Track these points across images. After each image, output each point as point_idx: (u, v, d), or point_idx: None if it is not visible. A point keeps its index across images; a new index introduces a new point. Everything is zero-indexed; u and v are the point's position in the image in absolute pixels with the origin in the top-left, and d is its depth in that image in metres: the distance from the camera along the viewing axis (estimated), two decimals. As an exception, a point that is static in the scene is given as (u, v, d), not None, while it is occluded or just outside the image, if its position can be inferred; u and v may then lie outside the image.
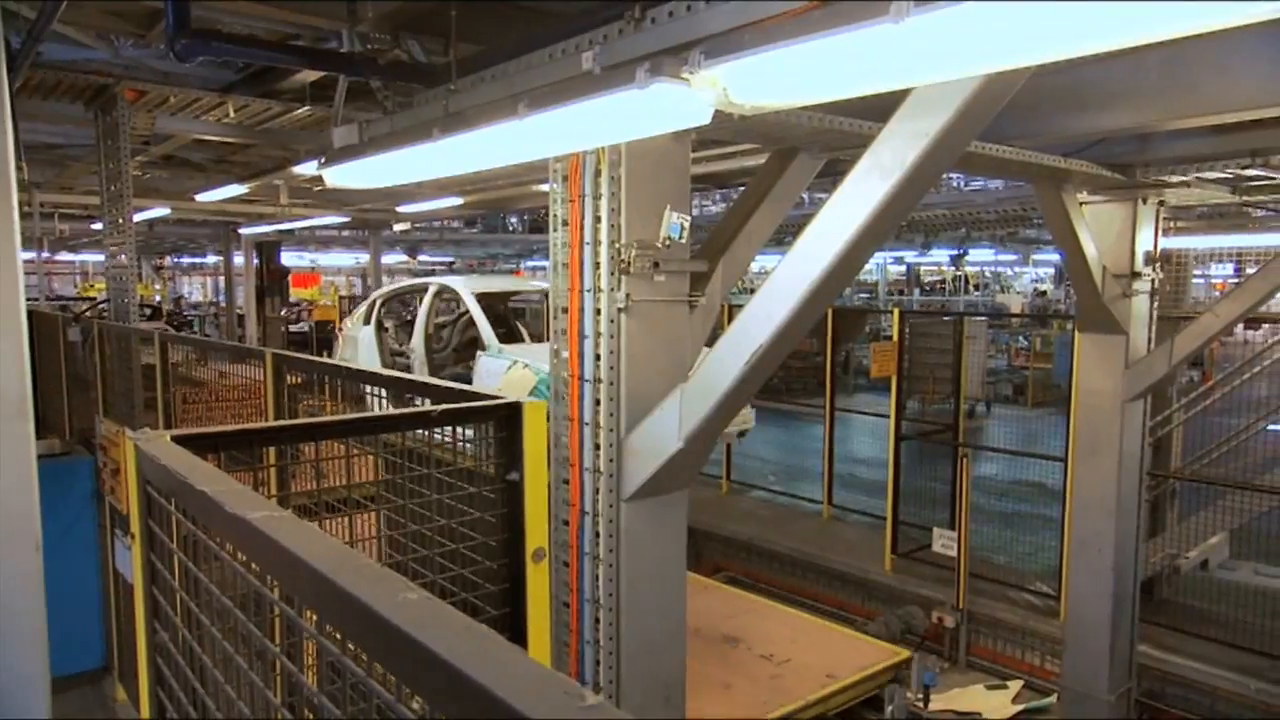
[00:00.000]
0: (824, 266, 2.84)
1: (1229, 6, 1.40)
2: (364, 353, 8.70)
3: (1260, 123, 4.48)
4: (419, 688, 0.78)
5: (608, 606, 3.62)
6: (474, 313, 7.86)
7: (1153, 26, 1.40)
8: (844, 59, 1.60)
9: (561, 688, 0.65)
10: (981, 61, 1.64)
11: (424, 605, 0.83)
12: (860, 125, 3.47)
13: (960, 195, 14.06)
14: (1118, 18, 1.42)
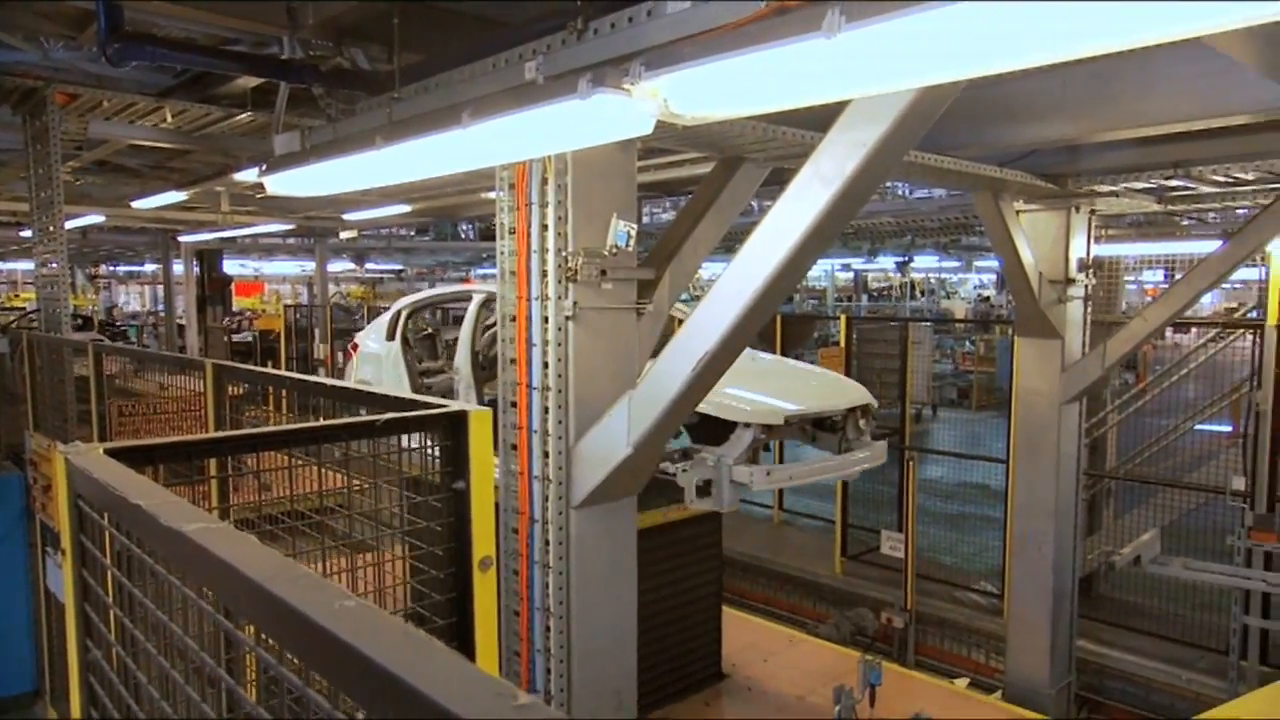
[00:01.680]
0: (768, 273, 2.89)
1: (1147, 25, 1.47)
2: (389, 373, 7.51)
3: (1181, 135, 4.68)
4: (356, 695, 0.78)
5: (558, 614, 3.61)
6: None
7: (1073, 45, 1.47)
8: (779, 72, 1.64)
9: (494, 689, 0.67)
10: (912, 76, 1.70)
11: (361, 613, 0.83)
12: (803, 135, 3.54)
13: (905, 203, 14.34)
14: (1040, 36, 1.48)
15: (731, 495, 4.81)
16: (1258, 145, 4.71)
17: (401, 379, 7.38)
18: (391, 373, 7.47)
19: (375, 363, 7.73)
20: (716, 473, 4.74)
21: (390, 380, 7.40)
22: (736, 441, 4.82)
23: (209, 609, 1.12)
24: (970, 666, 8.27)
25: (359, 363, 8.03)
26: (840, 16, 1.46)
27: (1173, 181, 5.09)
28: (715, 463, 4.75)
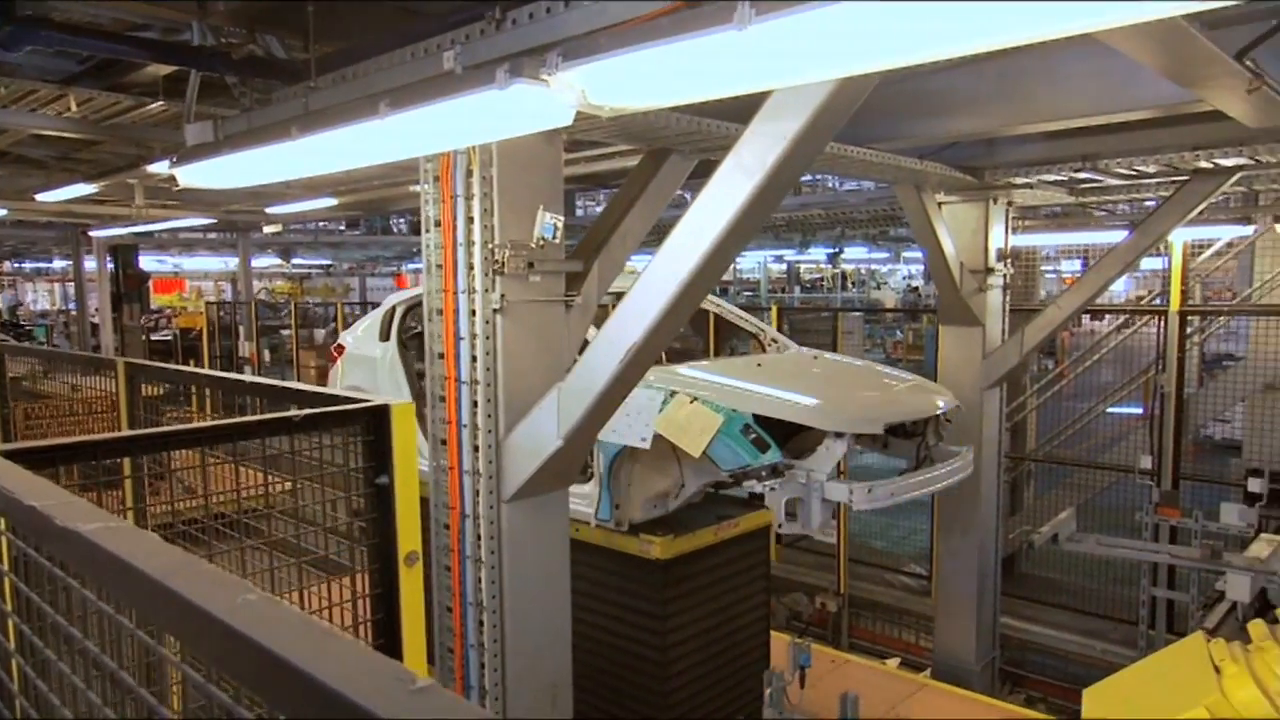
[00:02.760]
0: (694, 264, 2.92)
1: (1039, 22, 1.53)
2: (384, 377, 6.64)
3: (1089, 130, 4.88)
4: (259, 689, 0.77)
5: (491, 609, 3.59)
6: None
7: (968, 41, 1.52)
8: (694, 64, 1.66)
9: (392, 674, 0.67)
10: (822, 68, 1.74)
11: (263, 606, 0.82)
12: (727, 127, 3.58)
13: (835, 196, 14.59)
14: (939, 32, 1.53)
15: (823, 516, 4.30)
16: (1158, 140, 4.94)
17: (400, 385, 6.51)
18: (388, 377, 6.60)
19: (368, 366, 6.84)
20: (805, 491, 4.28)
21: (387, 386, 6.55)
22: (827, 454, 4.34)
23: (109, 610, 1.09)
24: (901, 647, 8.51)
25: (346, 367, 7.06)
26: (750, 10, 1.48)
27: (1082, 174, 5.30)
28: (805, 480, 4.28)
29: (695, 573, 4.97)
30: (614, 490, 4.75)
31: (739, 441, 4.28)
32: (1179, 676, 1.96)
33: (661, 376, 4.79)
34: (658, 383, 4.73)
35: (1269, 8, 2.86)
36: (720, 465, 4.37)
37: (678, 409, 4.52)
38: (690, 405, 4.49)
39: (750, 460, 4.27)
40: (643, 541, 4.76)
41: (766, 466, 4.33)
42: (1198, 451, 10.50)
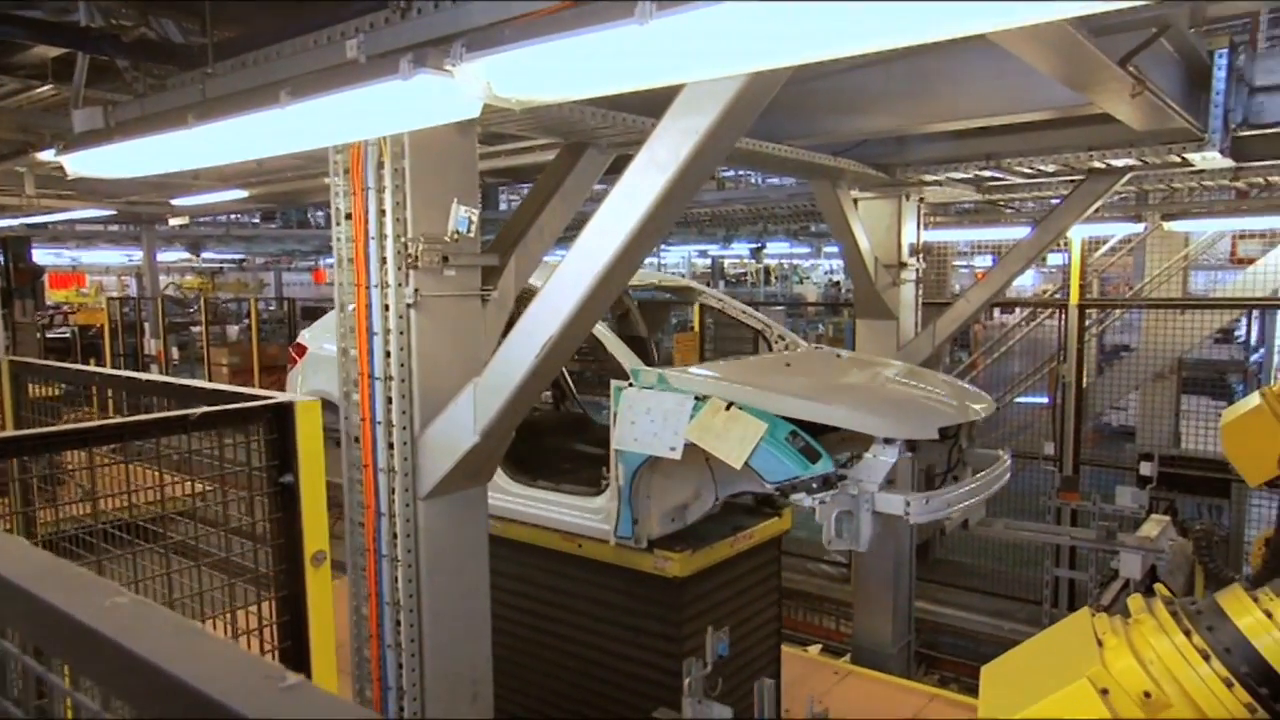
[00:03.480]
0: (608, 257, 2.93)
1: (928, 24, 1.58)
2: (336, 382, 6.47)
3: (992, 130, 5.07)
4: (126, 694, 0.75)
5: (408, 608, 3.54)
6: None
7: (866, 39, 1.57)
8: (596, 57, 1.67)
9: (263, 672, 0.65)
10: (725, 64, 1.77)
11: (133, 609, 0.79)
12: (643, 121, 3.59)
13: (758, 191, 14.77)
14: (836, 31, 1.57)
15: (873, 531, 3.93)
16: (1057, 140, 5.16)
17: None
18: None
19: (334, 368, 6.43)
20: (854, 503, 3.89)
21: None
22: (877, 463, 3.97)
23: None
24: (823, 634, 8.72)
25: (308, 370, 6.45)
26: (651, 5, 1.49)
27: (986, 172, 5.50)
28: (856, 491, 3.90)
29: (712, 589, 4.73)
30: (635, 504, 4.43)
31: (785, 450, 3.93)
32: (1066, 650, 2.06)
33: (684, 379, 4.34)
34: (674, 387, 4.31)
35: (1150, 17, 3.02)
36: (765, 478, 3.97)
37: (713, 415, 4.09)
38: (727, 411, 4.06)
39: (800, 471, 3.89)
40: (658, 558, 4.46)
41: (818, 478, 3.89)
42: (1097, 438, 11.04)
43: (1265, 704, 1.77)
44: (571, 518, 4.79)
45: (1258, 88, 4.63)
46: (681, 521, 4.69)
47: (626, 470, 4.39)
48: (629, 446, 4.30)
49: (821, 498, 3.88)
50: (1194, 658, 1.84)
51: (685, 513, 4.71)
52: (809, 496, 3.90)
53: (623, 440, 4.36)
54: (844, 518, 3.90)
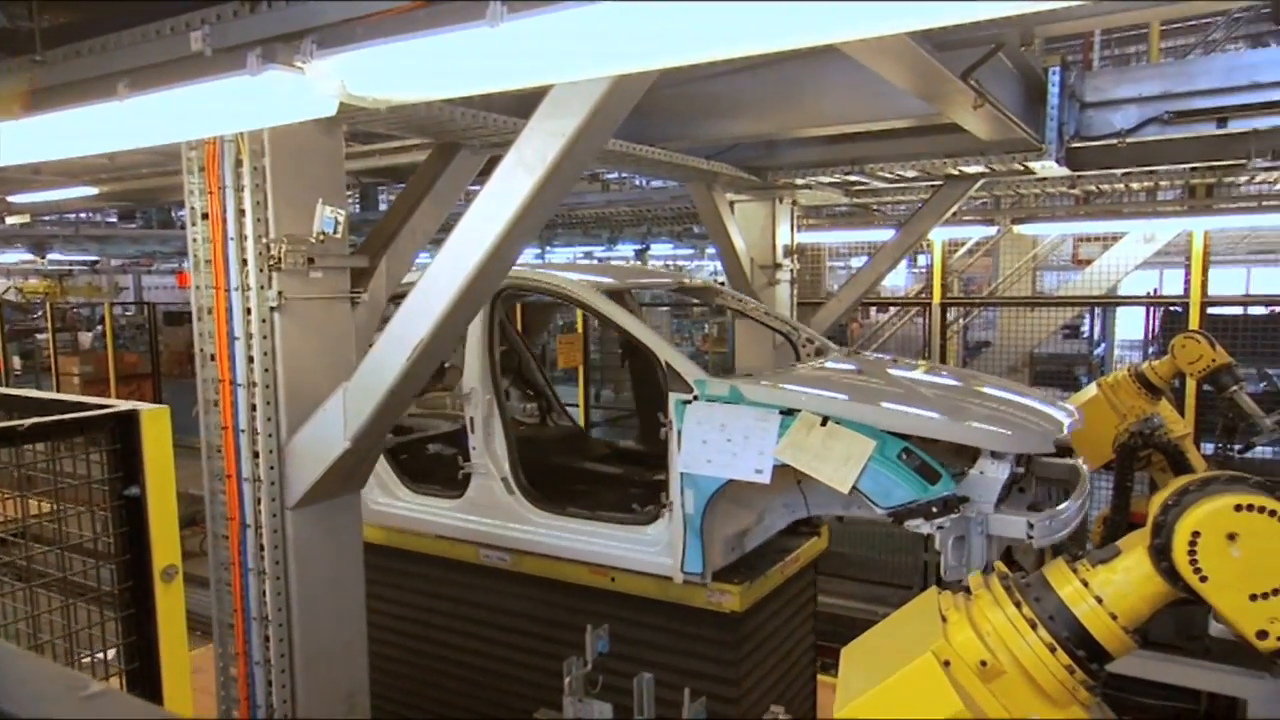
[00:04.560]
0: (478, 259, 2.92)
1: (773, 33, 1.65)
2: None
3: (857, 136, 5.32)
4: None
5: (278, 622, 3.42)
6: (636, 331, 4.45)
7: (715, 46, 1.63)
8: (449, 58, 1.67)
9: (66, 683, 0.64)
10: (580, 66, 1.80)
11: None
12: (513, 122, 3.59)
13: (642, 193, 14.93)
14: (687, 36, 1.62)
15: (985, 554, 3.52)
16: (916, 147, 5.46)
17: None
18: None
19: None
20: (965, 526, 3.50)
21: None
22: (988, 481, 3.55)
23: None
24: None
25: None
26: (502, 8, 1.51)
27: (852, 177, 5.76)
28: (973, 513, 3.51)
29: (765, 621, 4.38)
30: (706, 536, 3.97)
31: (899, 470, 3.52)
32: (914, 627, 2.19)
33: (761, 391, 3.86)
34: (749, 400, 3.82)
35: (986, 35, 3.25)
36: (878, 502, 3.53)
37: (806, 432, 3.63)
38: (824, 427, 3.62)
39: (919, 494, 3.45)
40: (712, 591, 4.04)
41: (938, 500, 3.45)
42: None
43: (1082, 664, 1.94)
44: (615, 550, 4.31)
45: (1088, 103, 5.05)
46: (740, 550, 4.26)
47: (699, 497, 3.89)
48: (701, 469, 3.84)
49: (941, 523, 3.44)
50: (1023, 627, 1.99)
51: (744, 540, 4.29)
52: (927, 522, 3.46)
53: (692, 462, 3.89)
54: (956, 544, 3.52)
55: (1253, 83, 4.62)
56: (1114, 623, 1.95)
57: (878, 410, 3.73)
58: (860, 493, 3.55)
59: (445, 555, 4.98)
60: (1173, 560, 1.87)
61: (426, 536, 5.04)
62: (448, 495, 5.02)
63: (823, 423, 3.66)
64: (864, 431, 3.60)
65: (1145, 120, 4.96)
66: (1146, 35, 10.25)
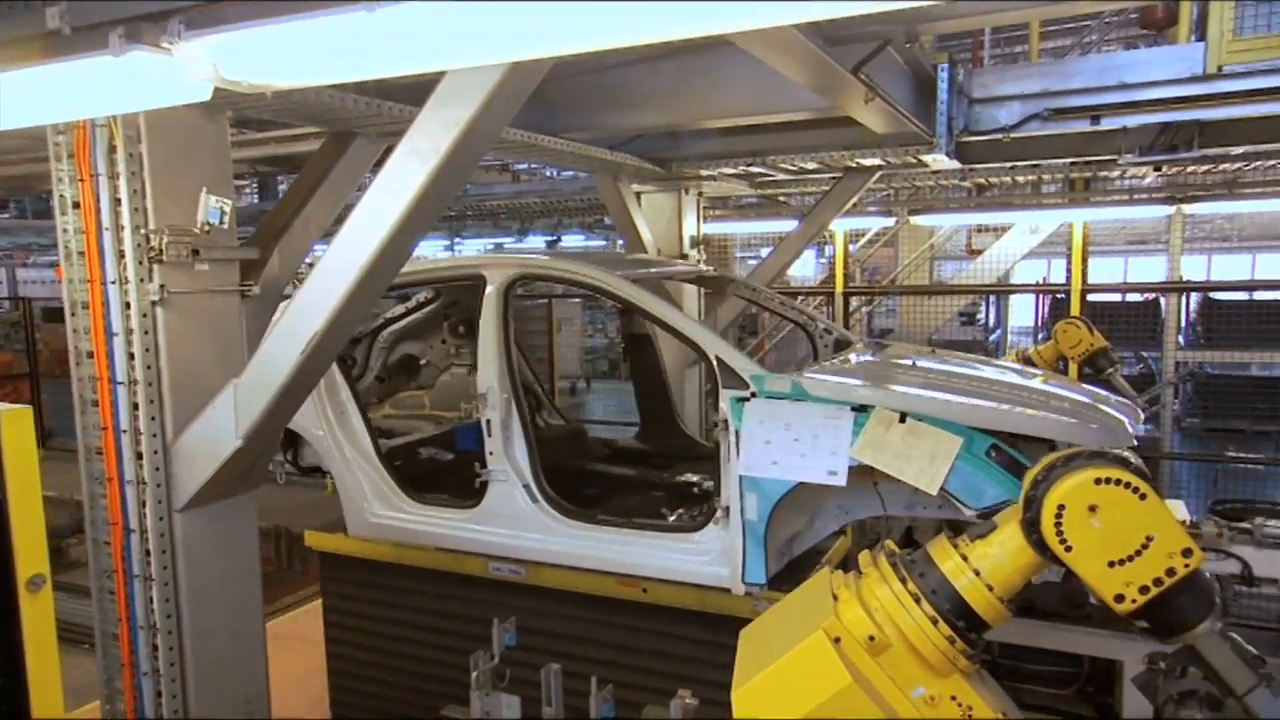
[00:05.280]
0: (372, 251, 2.85)
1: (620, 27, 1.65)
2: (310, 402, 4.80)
3: (758, 128, 5.41)
4: None
5: (166, 630, 3.27)
6: (679, 325, 4.16)
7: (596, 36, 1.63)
8: (327, 42, 1.62)
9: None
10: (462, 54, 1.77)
11: None
12: (409, 110, 3.51)
13: (552, 184, 14.86)
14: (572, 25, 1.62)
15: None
16: (816, 140, 5.59)
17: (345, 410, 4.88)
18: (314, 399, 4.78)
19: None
20: None
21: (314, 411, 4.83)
22: None
23: None
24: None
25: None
26: (380, -10, 1.47)
27: (754, 168, 5.86)
28: None
29: None
30: (770, 542, 3.73)
31: (988, 469, 3.34)
32: (808, 607, 2.26)
33: (826, 387, 3.65)
34: (823, 394, 3.60)
35: (873, 31, 3.36)
36: (967, 503, 3.35)
37: (884, 429, 3.43)
38: (903, 424, 3.42)
39: (1011, 494, 3.27)
40: (759, 600, 3.75)
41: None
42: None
43: (962, 634, 2.04)
44: (654, 559, 4.05)
45: (975, 99, 5.26)
46: (789, 555, 4.04)
47: (763, 501, 3.65)
48: (765, 472, 3.61)
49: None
50: (908, 601, 2.08)
51: (793, 545, 4.08)
52: None
53: (755, 465, 3.65)
54: None
55: (1121, 83, 4.90)
56: (991, 594, 2.05)
57: (961, 404, 3.49)
58: (948, 494, 3.35)
59: (448, 570, 4.58)
60: (1041, 533, 1.98)
61: (426, 550, 4.64)
62: (460, 505, 4.60)
63: (901, 419, 3.46)
64: (947, 428, 3.41)
65: (1027, 116, 5.20)
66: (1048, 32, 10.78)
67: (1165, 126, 5.26)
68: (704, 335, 4.06)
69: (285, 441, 5.20)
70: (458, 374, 6.53)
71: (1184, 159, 5.45)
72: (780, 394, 3.70)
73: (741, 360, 3.86)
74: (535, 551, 4.35)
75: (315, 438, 4.94)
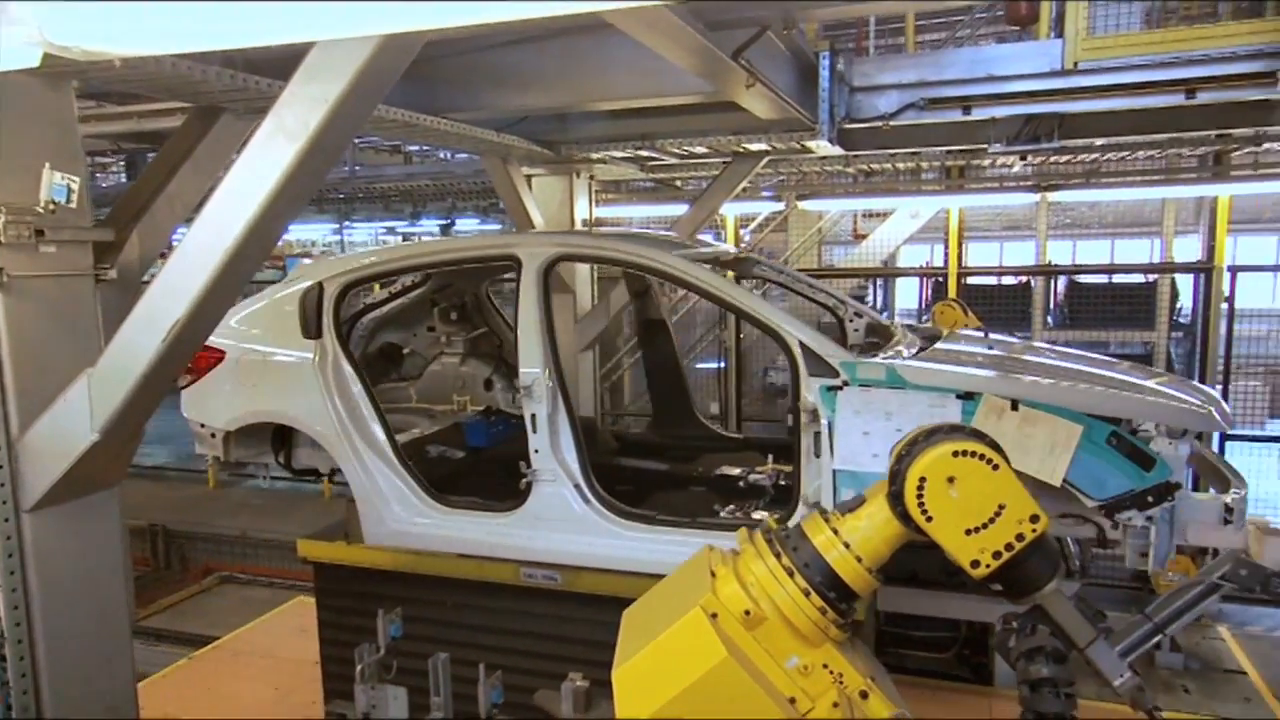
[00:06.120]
0: (237, 233, 2.71)
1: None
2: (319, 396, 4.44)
3: (647, 111, 5.42)
4: None
5: (16, 639, 3.06)
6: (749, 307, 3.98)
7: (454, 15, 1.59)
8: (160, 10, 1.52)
9: None
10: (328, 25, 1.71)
11: None
12: (278, 86, 3.35)
13: (445, 166, 14.54)
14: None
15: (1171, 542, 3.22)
16: (704, 124, 5.63)
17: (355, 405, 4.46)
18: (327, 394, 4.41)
19: (282, 378, 4.50)
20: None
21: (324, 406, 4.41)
22: (1179, 461, 3.27)
23: None
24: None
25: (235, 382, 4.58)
26: (221, -45, 1.39)
27: (644, 152, 5.88)
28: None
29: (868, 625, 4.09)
30: None
31: (1110, 458, 3.20)
32: (687, 585, 2.30)
33: (925, 373, 3.47)
34: (922, 381, 3.41)
35: (756, 16, 3.40)
36: (1089, 494, 3.23)
37: (996, 417, 3.22)
38: (1016, 412, 3.21)
39: (1135, 483, 3.17)
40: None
41: (1154, 489, 3.16)
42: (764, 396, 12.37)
43: (833, 605, 2.11)
44: None
45: (856, 88, 5.42)
46: None
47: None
48: (866, 465, 3.43)
49: (1152, 514, 3.16)
50: (781, 576, 2.14)
51: None
52: (1140, 513, 3.17)
53: (854, 457, 3.47)
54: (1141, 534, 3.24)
55: (989, 75, 5.15)
56: (859, 565, 2.14)
57: (1076, 390, 3.33)
58: (1069, 485, 3.22)
59: (470, 578, 4.26)
60: (905, 504, 2.07)
61: (448, 556, 4.34)
62: (498, 509, 4.30)
63: (1012, 407, 3.28)
64: (1061, 414, 3.24)
65: (905, 105, 5.40)
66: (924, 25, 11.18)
67: (1030, 118, 5.55)
68: (785, 319, 3.86)
69: (276, 440, 4.81)
70: (448, 363, 6.11)
71: (1046, 149, 5.77)
72: (874, 381, 3.53)
73: (830, 346, 3.69)
74: (586, 556, 4.07)
75: (322, 436, 4.46)
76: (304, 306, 4.48)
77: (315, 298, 4.51)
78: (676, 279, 4.18)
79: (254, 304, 4.83)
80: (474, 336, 6.08)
